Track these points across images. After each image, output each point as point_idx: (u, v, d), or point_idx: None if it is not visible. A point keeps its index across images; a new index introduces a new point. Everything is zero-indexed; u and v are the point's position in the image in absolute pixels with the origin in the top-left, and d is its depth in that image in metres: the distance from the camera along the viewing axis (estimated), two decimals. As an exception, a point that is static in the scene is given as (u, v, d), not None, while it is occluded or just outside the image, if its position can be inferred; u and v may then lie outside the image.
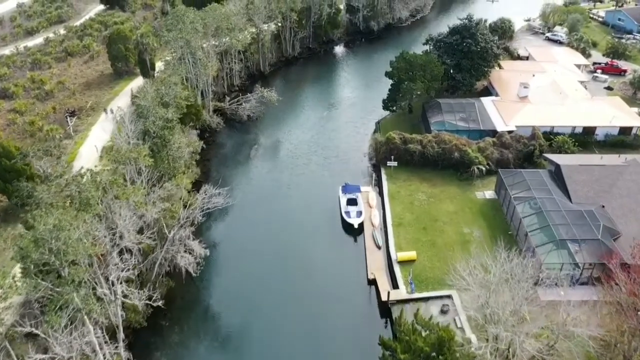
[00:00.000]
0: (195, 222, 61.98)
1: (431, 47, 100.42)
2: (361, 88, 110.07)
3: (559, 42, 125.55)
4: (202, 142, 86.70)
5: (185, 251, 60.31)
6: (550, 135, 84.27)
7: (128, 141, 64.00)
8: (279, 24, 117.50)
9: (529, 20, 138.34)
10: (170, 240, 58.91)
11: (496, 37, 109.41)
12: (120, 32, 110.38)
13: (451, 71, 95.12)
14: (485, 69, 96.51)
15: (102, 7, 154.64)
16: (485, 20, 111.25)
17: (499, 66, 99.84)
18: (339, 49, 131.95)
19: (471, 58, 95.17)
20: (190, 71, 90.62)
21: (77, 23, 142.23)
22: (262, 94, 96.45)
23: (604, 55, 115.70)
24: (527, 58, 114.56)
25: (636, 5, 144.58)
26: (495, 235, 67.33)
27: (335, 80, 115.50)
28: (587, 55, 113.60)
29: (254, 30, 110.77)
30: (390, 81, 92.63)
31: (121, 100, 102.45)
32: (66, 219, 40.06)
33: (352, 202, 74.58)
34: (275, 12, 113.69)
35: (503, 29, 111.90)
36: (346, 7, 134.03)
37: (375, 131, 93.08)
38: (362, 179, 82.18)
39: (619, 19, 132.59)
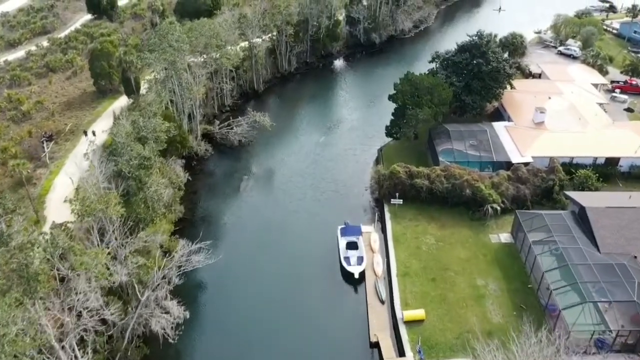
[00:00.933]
0: (172, 281, 54.28)
1: (437, 66, 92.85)
2: (361, 108, 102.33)
3: (572, 57, 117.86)
4: (188, 173, 79.38)
5: (161, 312, 52.74)
6: (569, 166, 76.81)
7: (98, 184, 56.26)
8: (274, 38, 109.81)
9: (539, 32, 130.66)
10: (143, 303, 51.31)
11: (507, 54, 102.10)
12: (103, 48, 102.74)
13: (460, 93, 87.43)
14: (497, 91, 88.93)
15: (89, 16, 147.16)
16: (495, 36, 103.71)
17: (511, 86, 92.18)
18: (339, 63, 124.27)
19: (482, 79, 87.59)
20: (176, 92, 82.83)
21: (62, 35, 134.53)
22: (255, 118, 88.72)
23: (622, 72, 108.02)
24: (539, 75, 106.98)
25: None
26: (513, 288, 59.89)
27: (334, 99, 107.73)
28: (604, 73, 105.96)
29: (246, 44, 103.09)
30: (394, 104, 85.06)
31: (103, 122, 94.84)
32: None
33: (352, 245, 66.99)
34: (270, 26, 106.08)
35: (514, 45, 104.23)
36: (346, 18, 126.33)
37: (377, 160, 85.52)
38: (364, 215, 74.72)
39: (635, 32, 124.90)
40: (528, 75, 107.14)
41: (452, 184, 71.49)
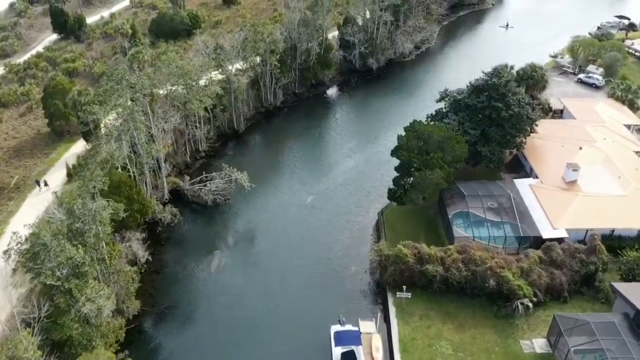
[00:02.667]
0: None
1: (447, 107, 79.11)
2: (358, 152, 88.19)
3: (594, 86, 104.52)
4: (149, 250, 65.46)
5: None
6: (610, 240, 63.45)
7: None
8: (257, 69, 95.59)
9: (555, 56, 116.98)
10: None
11: (524, 88, 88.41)
12: (57, 84, 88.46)
13: (475, 142, 73.76)
14: (519, 140, 75.38)
15: (55, 36, 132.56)
16: (512, 67, 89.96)
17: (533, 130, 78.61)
18: (332, 93, 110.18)
19: (501, 125, 73.97)
20: (139, 140, 68.27)
21: (22, 59, 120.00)
22: (231, 175, 74.49)
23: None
24: (561, 112, 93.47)
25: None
26: None
27: (325, 140, 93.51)
28: (635, 109, 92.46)
29: (225, 75, 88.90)
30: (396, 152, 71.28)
31: (56, 173, 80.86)
32: None
33: (349, 357, 53.17)
34: (252, 56, 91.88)
35: (534, 79, 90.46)
36: (339, 42, 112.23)
37: (377, 226, 71.67)
38: (363, 301, 61.08)
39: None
40: (548, 111, 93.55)
41: (473, 271, 57.78)
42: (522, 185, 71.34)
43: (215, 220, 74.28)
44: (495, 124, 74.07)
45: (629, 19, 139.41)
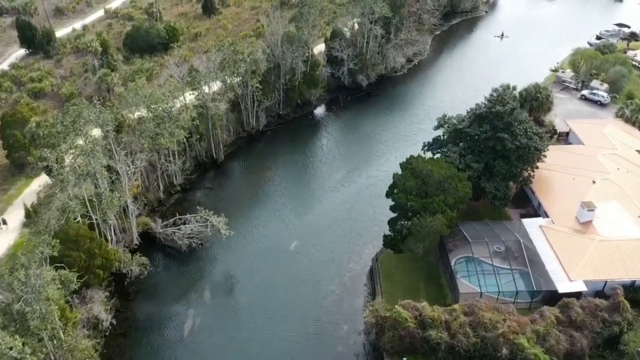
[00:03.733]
0: None
1: (445, 137, 71.92)
2: (346, 184, 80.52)
3: (599, 103, 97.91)
4: (113, 311, 57.62)
5: None
6: (633, 292, 56.64)
7: None
8: (238, 91, 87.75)
9: (556, 70, 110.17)
10: None
11: (528, 110, 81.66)
12: (16, 113, 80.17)
13: (478, 177, 66.62)
14: (527, 174, 68.40)
15: (23, 51, 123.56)
16: (514, 88, 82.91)
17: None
18: (319, 113, 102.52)
19: (506, 157, 66.89)
20: (100, 185, 60.38)
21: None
22: (207, 218, 66.58)
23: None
24: (566, 135, 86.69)
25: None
26: None
27: (311, 168, 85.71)
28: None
29: (200, 101, 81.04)
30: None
31: (16, 212, 72.76)
32: None
33: None
34: (231, 78, 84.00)
35: (539, 101, 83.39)
36: (326, 58, 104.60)
37: (371, 274, 64.25)
38: (357, 367, 53.66)
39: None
40: (553, 134, 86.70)
41: (482, 337, 50.56)
42: (532, 226, 64.25)
43: (190, 268, 66.46)
44: (500, 156, 67.03)
45: (629, 27, 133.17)
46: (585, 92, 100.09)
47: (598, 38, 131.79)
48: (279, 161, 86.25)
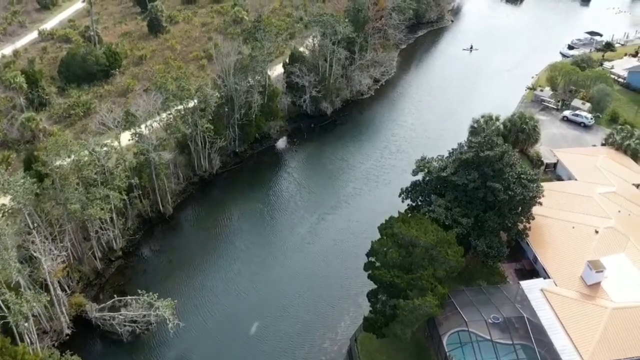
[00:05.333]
0: None
1: (426, 179, 62.61)
2: (312, 241, 69.71)
3: (582, 125, 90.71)
4: None
5: None
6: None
7: None
8: (187, 131, 76.69)
9: (533, 88, 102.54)
10: None
11: (511, 144, 73.26)
12: None
13: (467, 234, 57.64)
14: (521, 226, 59.77)
15: None
16: (497, 119, 74.55)
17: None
18: (280, 147, 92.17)
19: (498, 208, 58.11)
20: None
21: None
22: (151, 303, 55.46)
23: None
24: (554, 166, 78.91)
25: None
26: None
27: (273, 217, 74.94)
28: (638, 159, 78.38)
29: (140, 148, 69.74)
30: (366, 235, 54.27)
31: None
32: None
33: None
34: (178, 123, 72.92)
35: (525, 133, 74.88)
36: (286, 86, 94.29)
37: (350, 358, 54.36)
38: None
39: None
40: (539, 165, 78.79)
41: None
42: (533, 290, 55.51)
43: (134, 361, 55.26)
44: (492, 208, 58.16)
45: (600, 35, 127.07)
46: (567, 113, 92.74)
47: (570, 47, 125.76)
48: (235, 212, 75.45)
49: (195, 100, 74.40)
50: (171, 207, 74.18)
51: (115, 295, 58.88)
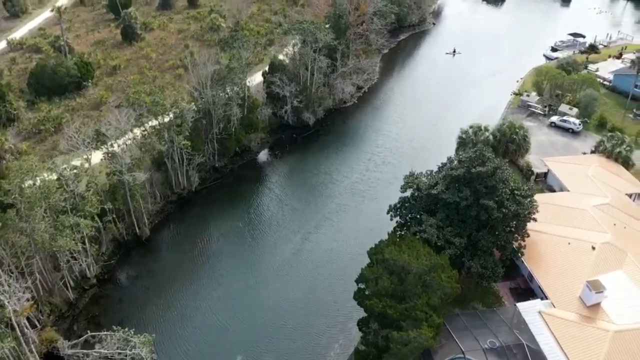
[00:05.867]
0: None
1: (415, 194, 59.82)
2: (296, 264, 66.26)
3: (571, 131, 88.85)
4: None
5: None
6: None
7: None
8: (163, 147, 73.00)
9: (519, 93, 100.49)
10: None
11: (500, 155, 71.07)
12: None
13: (460, 255, 54.99)
14: (516, 244, 57.27)
15: None
16: (486, 128, 72.15)
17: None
18: (262, 160, 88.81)
19: (492, 227, 55.57)
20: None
21: None
22: (127, 339, 51.76)
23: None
24: (544, 175, 76.82)
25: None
26: None
27: (252, 242, 70.20)
28: (629, 166, 76.64)
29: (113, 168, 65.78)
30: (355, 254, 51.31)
31: None
32: None
33: None
34: (150, 138, 69.17)
35: (516, 143, 72.42)
36: (266, 97, 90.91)
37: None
38: None
39: (637, 86, 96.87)
40: (530, 175, 76.63)
41: None
42: (530, 313, 53.03)
43: (110, 402, 51.53)
44: (486, 226, 55.58)
45: (583, 36, 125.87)
46: (554, 118, 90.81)
47: (553, 49, 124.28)
48: (215, 232, 71.85)
49: (171, 115, 70.63)
50: (148, 229, 70.41)
51: (89, 330, 54.92)
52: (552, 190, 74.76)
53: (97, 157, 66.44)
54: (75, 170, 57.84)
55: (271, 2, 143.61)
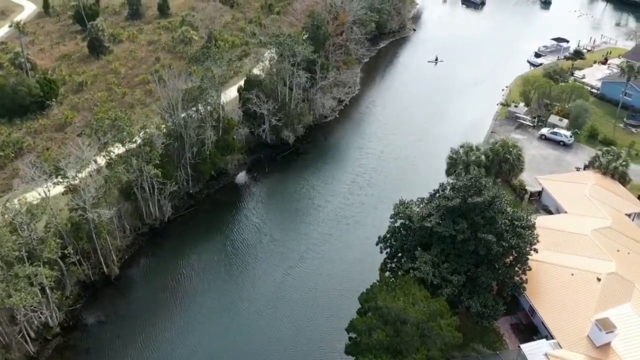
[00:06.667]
0: None
1: (404, 230, 55.39)
2: (279, 304, 60.62)
3: (562, 144, 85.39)
4: None
5: None
6: None
7: None
8: (131, 176, 67.26)
9: (506, 104, 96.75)
10: None
11: (497, 179, 66.99)
12: None
13: (458, 293, 50.61)
14: (518, 280, 53.05)
15: None
16: (477, 148, 67.98)
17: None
18: (240, 183, 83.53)
19: (490, 262, 51.30)
20: None
21: None
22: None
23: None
24: (539, 194, 73.08)
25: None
26: None
27: (230, 279, 64.48)
28: (626, 182, 73.19)
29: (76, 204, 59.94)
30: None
31: None
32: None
33: None
34: (116, 169, 63.38)
35: (509, 163, 68.19)
36: (242, 115, 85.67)
37: None
38: None
39: (626, 94, 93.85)
40: (523, 194, 72.80)
41: None
42: (536, 355, 48.83)
43: None
44: (485, 262, 51.28)
45: (567, 41, 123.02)
46: (544, 131, 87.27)
47: (537, 55, 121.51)
48: (190, 267, 66.31)
49: (139, 141, 65.04)
50: (117, 267, 64.68)
51: (50, 391, 49.28)
52: (547, 210, 71.09)
53: (58, 188, 60.72)
54: (32, 212, 51.97)
55: (246, 9, 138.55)
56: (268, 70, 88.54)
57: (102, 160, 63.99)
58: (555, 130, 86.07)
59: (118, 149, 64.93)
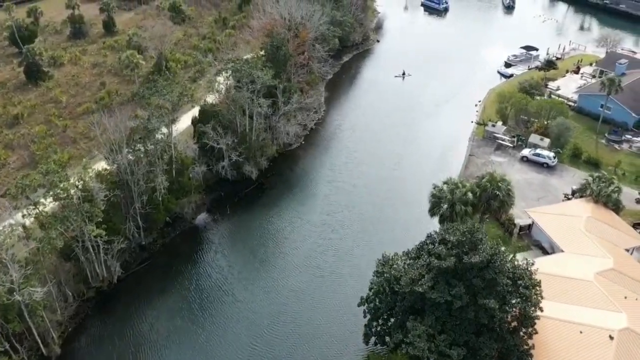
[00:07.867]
0: None
1: (386, 292, 48.24)
2: None
3: (545, 166, 79.90)
4: None
5: None
6: None
7: None
8: (69, 234, 58.01)
9: (483, 124, 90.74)
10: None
11: (485, 216, 60.54)
12: None
13: (457, 367, 43.62)
14: (525, 347, 46.40)
15: None
16: (463, 185, 61.26)
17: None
18: (199, 227, 74.41)
19: (491, 330, 44.46)
20: None
21: None
22: None
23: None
24: (528, 228, 67.01)
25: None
26: None
27: (193, 349, 56.57)
28: (619, 210, 67.79)
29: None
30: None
31: None
32: None
33: None
34: (48, 233, 54.06)
35: (499, 199, 61.55)
36: (198, 151, 76.97)
37: None
38: None
39: (602, 106, 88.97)
40: (512, 229, 66.67)
41: None
42: None
43: None
44: (489, 329, 44.40)
45: (537, 49, 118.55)
46: (526, 152, 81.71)
47: (507, 65, 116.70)
48: (141, 336, 57.26)
49: (78, 195, 55.95)
50: (58, 345, 55.31)
51: None
52: (539, 245, 65.21)
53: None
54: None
55: (198, 24, 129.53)
56: (223, 99, 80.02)
57: (32, 222, 54.59)
58: (538, 151, 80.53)
59: (51, 205, 55.68)
